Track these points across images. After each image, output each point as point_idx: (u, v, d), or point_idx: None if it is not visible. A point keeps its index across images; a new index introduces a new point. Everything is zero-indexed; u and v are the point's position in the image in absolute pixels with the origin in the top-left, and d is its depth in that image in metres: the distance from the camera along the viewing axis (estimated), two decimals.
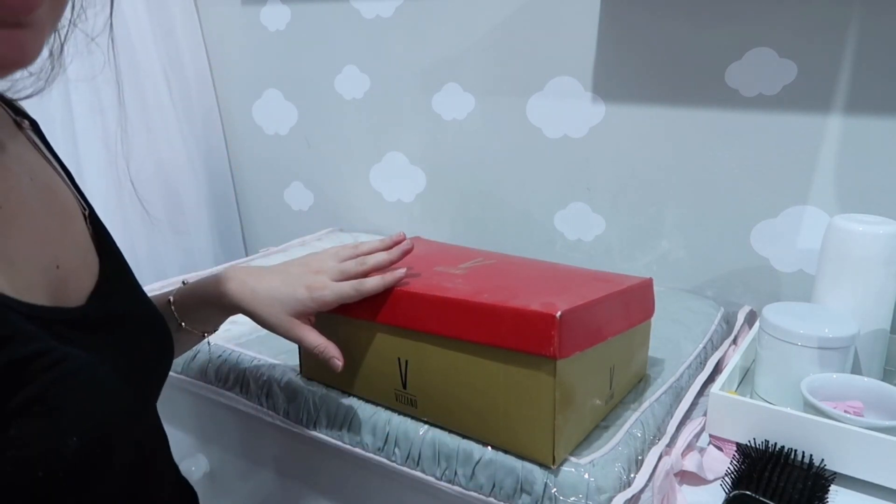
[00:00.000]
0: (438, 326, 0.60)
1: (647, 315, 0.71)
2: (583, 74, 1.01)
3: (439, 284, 0.63)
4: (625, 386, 0.69)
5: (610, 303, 0.62)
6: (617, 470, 0.57)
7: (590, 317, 0.58)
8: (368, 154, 1.28)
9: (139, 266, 1.30)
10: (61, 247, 0.46)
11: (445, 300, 0.59)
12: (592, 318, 0.59)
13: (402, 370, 0.64)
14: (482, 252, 0.80)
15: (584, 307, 0.56)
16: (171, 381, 0.83)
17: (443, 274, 0.67)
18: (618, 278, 0.69)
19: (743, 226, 0.95)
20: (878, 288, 0.72)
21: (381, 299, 0.63)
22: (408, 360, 0.63)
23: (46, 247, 0.44)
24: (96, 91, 1.20)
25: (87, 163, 1.20)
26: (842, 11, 0.81)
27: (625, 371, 0.68)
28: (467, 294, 0.59)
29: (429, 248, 0.83)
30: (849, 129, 0.85)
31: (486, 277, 0.66)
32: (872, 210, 0.80)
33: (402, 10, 1.15)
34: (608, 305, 0.61)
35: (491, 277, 0.66)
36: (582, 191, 1.07)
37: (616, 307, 0.63)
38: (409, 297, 0.61)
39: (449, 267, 0.69)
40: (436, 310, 0.60)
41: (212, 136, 1.45)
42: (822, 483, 0.58)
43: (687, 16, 0.91)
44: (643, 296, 0.70)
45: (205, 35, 1.40)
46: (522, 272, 0.70)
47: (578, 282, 0.66)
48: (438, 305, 0.60)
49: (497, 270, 0.69)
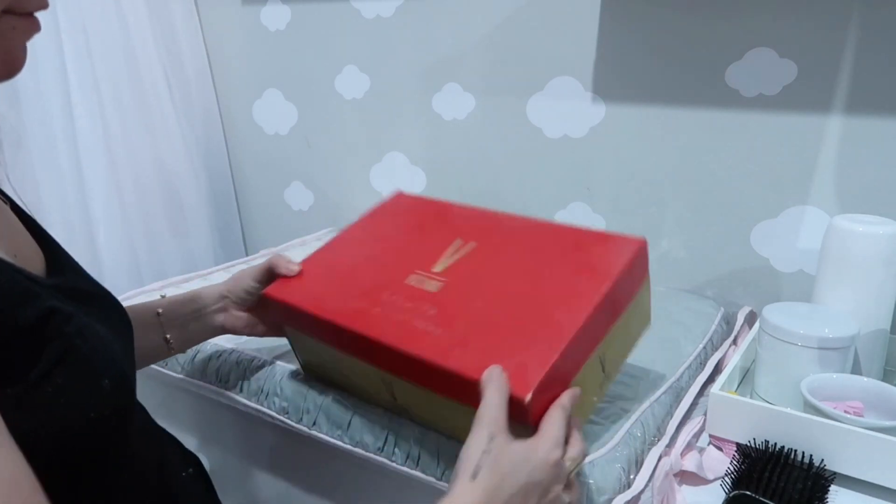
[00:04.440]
0: (415, 378, 0.58)
1: (641, 279, 0.63)
2: (583, 74, 1.01)
3: (411, 325, 0.58)
4: (624, 353, 0.64)
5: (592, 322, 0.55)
6: (617, 470, 0.57)
7: (566, 362, 0.53)
8: (368, 154, 1.28)
9: (139, 266, 1.30)
10: (12, 237, 0.48)
11: (419, 360, 0.55)
12: (571, 356, 0.53)
13: (389, 388, 0.63)
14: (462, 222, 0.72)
15: (558, 362, 0.51)
16: (171, 381, 0.84)
17: (415, 296, 0.61)
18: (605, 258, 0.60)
19: (743, 226, 0.95)
20: (878, 288, 0.72)
21: (354, 339, 0.60)
22: (392, 383, 0.61)
23: (3, 239, 0.46)
24: (96, 91, 1.20)
25: (87, 163, 1.20)
26: (842, 11, 0.81)
27: (620, 347, 0.63)
28: (439, 351, 0.54)
29: (407, 223, 0.75)
30: (849, 129, 0.85)
31: (459, 299, 0.60)
32: (872, 210, 0.80)
33: (403, 10, 1.15)
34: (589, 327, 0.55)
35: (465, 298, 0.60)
36: (582, 191, 1.07)
37: (600, 316, 0.56)
38: (382, 347, 0.58)
39: (423, 275, 0.63)
40: (410, 365, 0.56)
41: (212, 136, 1.45)
42: (822, 483, 0.58)
43: (687, 16, 0.91)
44: (635, 269, 0.61)
45: (205, 35, 1.40)
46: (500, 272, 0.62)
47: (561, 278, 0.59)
48: (412, 362, 0.56)
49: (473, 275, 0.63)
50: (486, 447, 0.46)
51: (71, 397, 0.39)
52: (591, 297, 0.56)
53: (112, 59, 1.22)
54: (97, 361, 0.42)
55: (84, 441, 0.41)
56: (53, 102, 1.15)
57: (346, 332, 0.60)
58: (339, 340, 0.63)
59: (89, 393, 0.40)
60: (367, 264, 0.69)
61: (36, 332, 0.38)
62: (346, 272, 0.69)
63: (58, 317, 0.40)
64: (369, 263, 0.69)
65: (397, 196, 0.81)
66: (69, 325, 0.41)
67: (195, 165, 1.39)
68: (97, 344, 0.43)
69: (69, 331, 0.40)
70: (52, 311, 0.40)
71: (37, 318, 0.39)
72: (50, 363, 0.38)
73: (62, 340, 0.40)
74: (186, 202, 1.38)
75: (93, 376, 0.41)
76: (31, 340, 0.38)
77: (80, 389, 0.39)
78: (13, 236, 0.48)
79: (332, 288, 0.66)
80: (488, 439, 0.47)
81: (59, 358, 0.39)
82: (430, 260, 0.66)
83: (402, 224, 0.76)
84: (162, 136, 1.32)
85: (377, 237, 0.74)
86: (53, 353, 0.39)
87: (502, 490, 0.45)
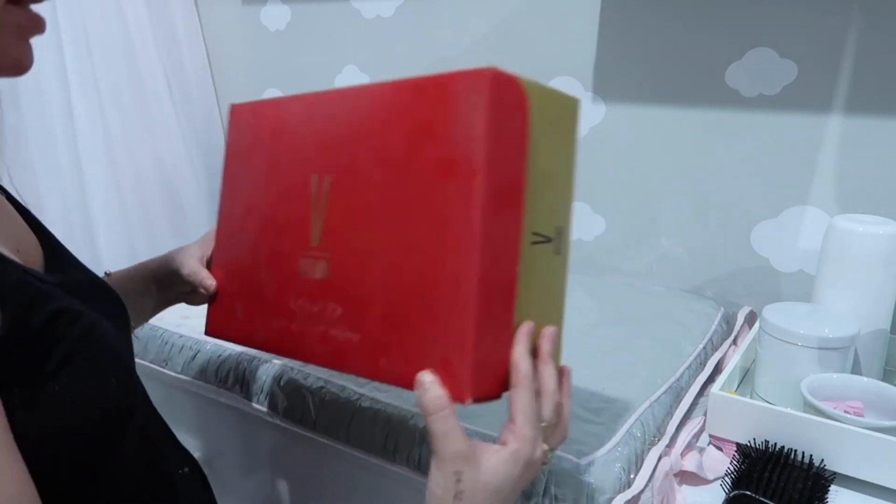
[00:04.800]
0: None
1: (523, 124, 0.50)
2: (583, 74, 1.01)
3: (327, 334, 0.54)
4: (559, 207, 0.51)
5: (488, 238, 0.44)
6: (617, 470, 0.57)
7: (489, 314, 0.44)
8: None
9: None
10: (13, 230, 0.48)
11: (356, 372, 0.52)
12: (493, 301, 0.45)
13: None
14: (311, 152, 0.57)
15: (480, 322, 0.44)
16: (171, 381, 0.84)
17: (311, 290, 0.55)
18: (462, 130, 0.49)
19: (743, 226, 0.95)
20: (878, 288, 0.72)
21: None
22: None
23: (4, 233, 0.46)
24: (97, 91, 1.20)
25: (87, 163, 1.20)
26: (842, 12, 0.81)
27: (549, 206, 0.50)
28: (366, 369, 0.51)
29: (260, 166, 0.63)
30: (849, 129, 0.85)
31: (355, 283, 0.52)
32: (872, 210, 0.80)
33: (402, 10, 1.15)
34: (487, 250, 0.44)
35: (361, 281, 0.52)
36: (582, 191, 1.07)
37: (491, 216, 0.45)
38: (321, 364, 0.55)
39: (308, 258, 0.56)
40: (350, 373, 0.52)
41: (212, 136, 1.45)
42: (822, 483, 0.58)
43: (687, 16, 0.91)
44: (505, 122, 0.49)
45: (205, 35, 1.40)
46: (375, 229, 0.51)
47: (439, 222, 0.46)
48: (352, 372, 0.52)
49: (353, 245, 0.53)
50: (457, 489, 0.42)
51: (78, 396, 0.39)
52: (469, 216, 0.44)
53: (112, 59, 1.22)
54: (104, 361, 0.43)
55: (89, 439, 0.41)
56: (53, 102, 1.15)
57: (286, 355, 0.59)
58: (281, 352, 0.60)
59: (96, 392, 0.40)
60: (260, 256, 0.63)
61: (46, 334, 0.39)
62: (249, 276, 0.64)
63: (66, 317, 0.40)
64: (259, 254, 0.63)
65: (234, 115, 0.68)
66: (77, 326, 0.41)
67: (195, 165, 1.39)
68: (104, 343, 0.43)
69: (77, 331, 0.41)
70: (61, 311, 0.40)
71: (46, 320, 0.39)
72: (58, 363, 0.39)
73: (70, 341, 0.40)
74: (186, 202, 1.38)
75: (100, 375, 0.42)
76: (41, 341, 0.38)
77: (87, 389, 0.39)
78: (14, 230, 0.48)
79: (250, 309, 0.63)
80: (455, 480, 0.42)
81: (67, 358, 0.39)
82: (303, 229, 0.58)
83: (259, 174, 0.64)
84: (162, 136, 1.32)
85: (248, 208, 0.65)
86: (62, 353, 0.39)
87: None
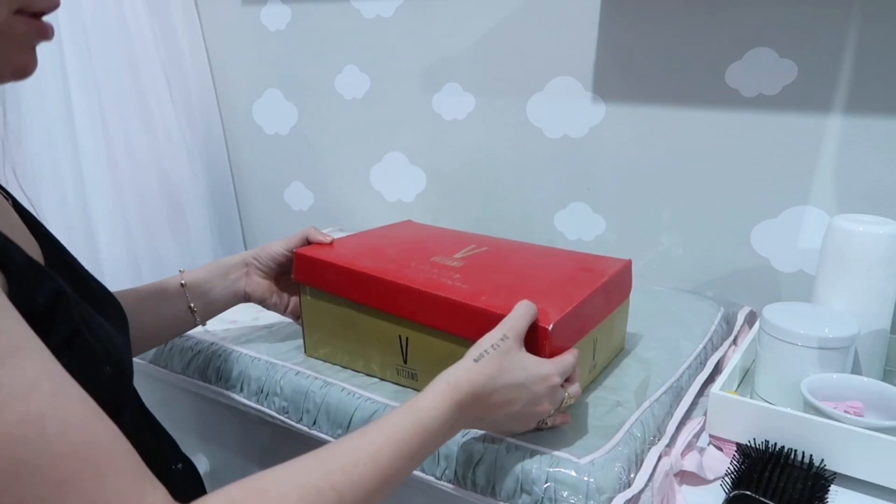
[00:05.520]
0: (439, 322, 0.64)
1: (625, 296, 0.77)
2: (583, 74, 1.01)
3: (439, 281, 0.66)
4: (607, 356, 0.75)
5: (594, 298, 0.66)
6: (617, 470, 0.57)
7: (577, 318, 0.63)
8: (368, 154, 1.28)
9: (139, 266, 1.30)
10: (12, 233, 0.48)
11: (447, 301, 0.62)
12: (579, 318, 0.64)
13: (402, 347, 0.68)
14: (473, 237, 0.83)
15: (573, 312, 0.61)
16: (171, 381, 0.84)
17: (440, 266, 0.70)
18: (599, 265, 0.73)
19: (743, 226, 0.95)
20: (878, 288, 0.72)
21: (383, 289, 0.67)
22: (408, 338, 0.67)
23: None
24: (97, 91, 1.20)
25: (86, 163, 1.20)
26: (842, 11, 0.81)
27: (606, 344, 0.74)
28: (466, 296, 0.62)
29: (422, 233, 0.86)
30: (849, 129, 0.85)
31: (481, 272, 0.69)
32: (872, 210, 0.80)
33: (402, 10, 1.15)
34: (593, 302, 0.66)
35: (486, 272, 0.70)
36: (582, 191, 1.07)
37: (599, 299, 0.68)
38: (411, 292, 0.65)
39: (445, 258, 0.73)
40: (437, 307, 0.63)
41: (212, 136, 1.45)
42: (822, 483, 0.58)
43: (687, 16, 0.91)
44: (622, 281, 0.75)
45: (205, 35, 1.40)
46: (514, 263, 0.74)
47: (565, 272, 0.71)
48: (440, 304, 0.63)
49: (490, 262, 0.73)
50: (497, 342, 0.53)
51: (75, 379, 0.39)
52: (594, 281, 0.68)
53: (112, 59, 1.22)
54: (99, 349, 0.43)
55: None
56: (53, 102, 1.15)
57: (375, 283, 0.67)
58: (364, 294, 0.68)
59: (91, 379, 0.40)
60: (392, 247, 0.78)
61: (47, 313, 0.39)
62: (374, 250, 0.77)
63: (65, 300, 0.41)
64: (394, 247, 0.78)
65: (406, 221, 0.92)
66: (75, 311, 0.42)
67: (195, 165, 1.39)
68: (99, 332, 0.44)
69: (74, 316, 0.42)
70: (63, 293, 0.41)
71: (49, 298, 0.39)
72: (58, 344, 0.39)
73: (68, 324, 0.41)
74: (186, 202, 1.38)
75: (95, 362, 0.42)
76: (44, 318, 0.39)
77: (82, 374, 0.39)
78: (12, 232, 0.48)
79: (362, 254, 0.74)
80: (501, 337, 0.54)
81: (64, 342, 0.40)
82: (450, 252, 0.75)
83: (417, 232, 0.87)
84: (162, 136, 1.32)
85: (395, 237, 0.83)
86: (62, 333, 0.40)
87: (497, 379, 0.51)
